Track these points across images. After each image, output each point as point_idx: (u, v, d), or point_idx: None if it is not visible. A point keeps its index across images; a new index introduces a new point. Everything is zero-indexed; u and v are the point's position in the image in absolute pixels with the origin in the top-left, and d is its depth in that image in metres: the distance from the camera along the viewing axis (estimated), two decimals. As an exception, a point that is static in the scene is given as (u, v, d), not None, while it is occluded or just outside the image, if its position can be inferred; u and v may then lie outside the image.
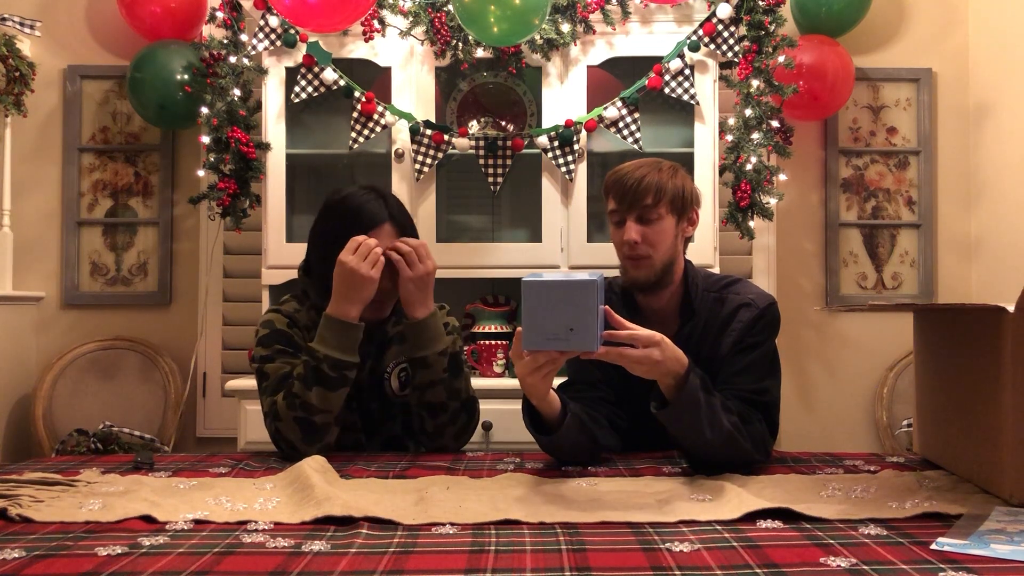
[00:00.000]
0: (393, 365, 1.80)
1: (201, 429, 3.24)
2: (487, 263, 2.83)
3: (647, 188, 1.61)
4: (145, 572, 0.93)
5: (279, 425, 1.62)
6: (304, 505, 1.22)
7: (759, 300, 1.67)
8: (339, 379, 1.61)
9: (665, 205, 1.62)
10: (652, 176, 1.62)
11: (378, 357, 1.80)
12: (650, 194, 1.61)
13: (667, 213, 1.63)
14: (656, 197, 1.61)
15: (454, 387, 1.73)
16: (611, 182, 1.66)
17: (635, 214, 1.62)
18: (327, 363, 1.60)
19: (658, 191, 1.61)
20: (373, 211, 1.72)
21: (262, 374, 1.70)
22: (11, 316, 3.12)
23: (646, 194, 1.61)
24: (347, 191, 1.78)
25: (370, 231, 1.70)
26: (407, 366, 1.78)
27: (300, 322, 1.75)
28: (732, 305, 1.66)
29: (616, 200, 1.64)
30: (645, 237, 1.62)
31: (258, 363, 1.71)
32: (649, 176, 1.62)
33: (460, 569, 0.94)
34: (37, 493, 1.28)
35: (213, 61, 2.79)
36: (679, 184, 1.64)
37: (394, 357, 1.80)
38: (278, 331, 1.72)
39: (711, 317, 1.67)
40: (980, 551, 0.97)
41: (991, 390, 1.25)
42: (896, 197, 3.30)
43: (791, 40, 2.76)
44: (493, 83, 2.94)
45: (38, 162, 3.26)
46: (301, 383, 1.60)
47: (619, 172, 1.66)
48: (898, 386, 3.16)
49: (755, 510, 1.15)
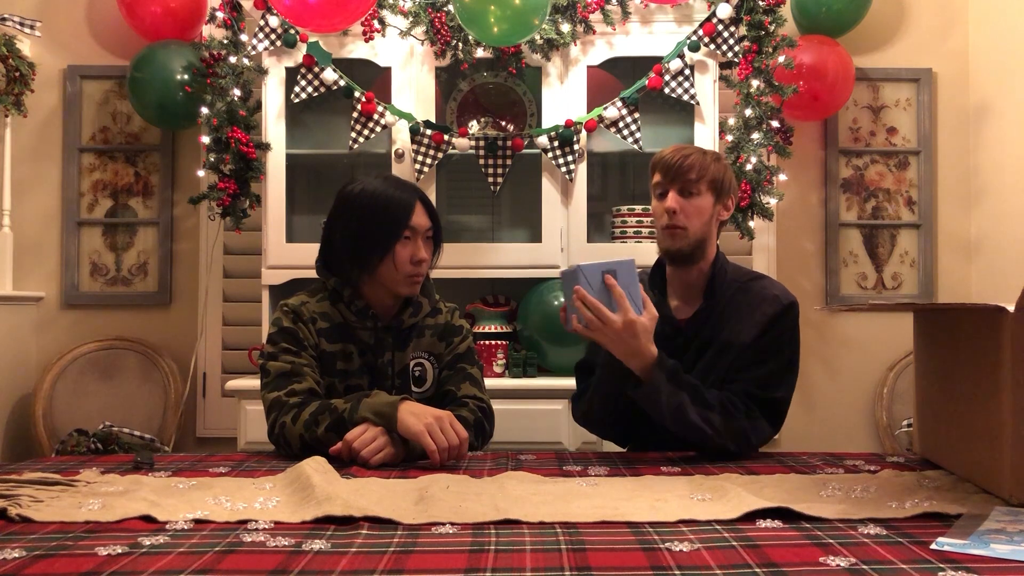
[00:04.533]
0: (412, 358, 1.83)
1: (201, 429, 3.24)
2: (487, 263, 2.83)
3: (691, 165, 1.74)
4: (145, 572, 0.93)
5: (285, 430, 1.64)
6: (304, 505, 1.22)
7: (784, 296, 1.76)
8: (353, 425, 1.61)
9: (706, 183, 1.75)
10: (697, 157, 1.75)
11: (399, 350, 1.82)
12: (694, 170, 1.73)
13: (707, 191, 1.75)
14: (699, 174, 1.74)
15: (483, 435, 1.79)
16: (658, 159, 1.79)
17: (677, 186, 1.74)
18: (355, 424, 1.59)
19: (701, 169, 1.74)
20: (403, 198, 1.77)
21: (265, 371, 1.75)
22: (11, 316, 3.13)
23: (690, 170, 1.73)
24: (365, 185, 1.80)
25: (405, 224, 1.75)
26: (422, 363, 1.83)
27: (304, 315, 1.77)
28: (756, 297, 1.76)
29: (661, 174, 1.77)
30: (683, 208, 1.73)
31: (263, 359, 1.76)
32: (694, 156, 1.75)
33: (460, 569, 0.94)
34: (37, 493, 1.28)
35: (213, 61, 2.79)
36: (721, 169, 1.77)
37: (414, 350, 1.83)
38: (283, 329, 1.76)
39: (731, 304, 1.76)
40: (980, 551, 0.97)
41: (991, 390, 1.25)
42: (896, 197, 3.30)
43: (791, 40, 2.76)
44: (493, 83, 2.94)
45: (38, 162, 3.26)
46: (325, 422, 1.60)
47: (666, 150, 1.79)
48: (898, 386, 3.17)
49: (755, 509, 1.15)
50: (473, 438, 1.75)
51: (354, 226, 1.77)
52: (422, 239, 1.78)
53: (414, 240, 1.77)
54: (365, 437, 1.54)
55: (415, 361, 1.84)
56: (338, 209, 1.81)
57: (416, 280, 1.79)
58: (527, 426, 2.66)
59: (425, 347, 1.85)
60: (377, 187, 1.79)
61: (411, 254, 1.76)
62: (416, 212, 1.77)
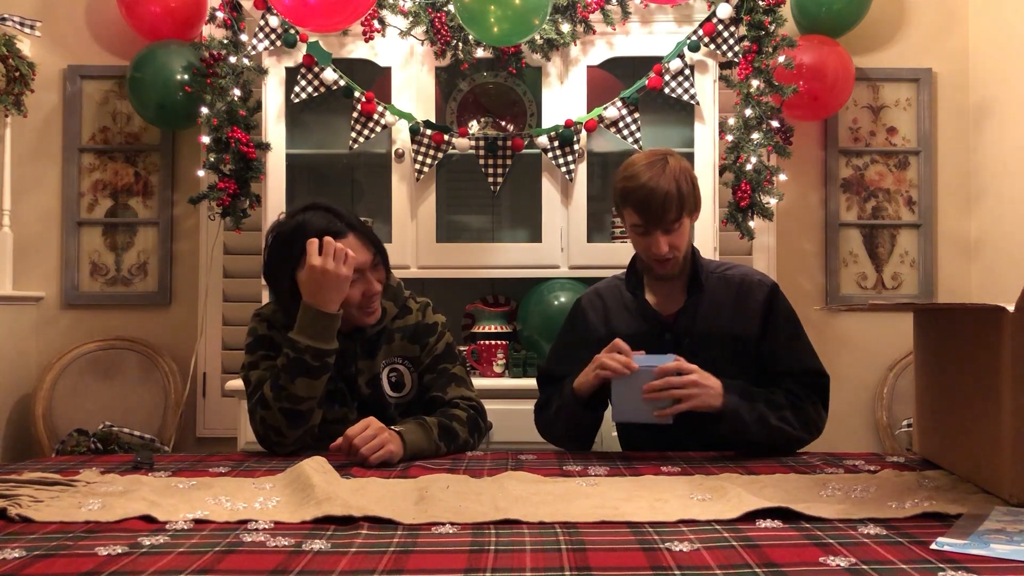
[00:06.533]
0: (384, 365, 1.80)
1: (201, 429, 3.24)
2: (487, 263, 2.83)
3: (670, 204, 1.68)
4: (146, 572, 0.93)
5: (265, 414, 1.65)
6: (304, 505, 1.22)
7: (765, 279, 1.82)
8: (322, 367, 1.64)
9: (685, 213, 1.72)
10: (670, 186, 1.68)
11: (368, 358, 1.79)
12: (672, 209, 1.69)
13: (686, 217, 1.74)
14: (678, 211, 1.70)
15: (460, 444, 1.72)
16: (631, 195, 1.71)
17: (661, 228, 1.71)
18: (309, 353, 1.62)
19: (679, 204, 1.70)
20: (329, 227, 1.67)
21: (247, 381, 1.75)
22: (11, 316, 3.12)
23: (670, 211, 1.69)
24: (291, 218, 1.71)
25: None
26: (397, 368, 1.80)
27: (278, 322, 1.77)
28: (736, 282, 1.80)
29: (640, 215, 1.71)
30: (672, 244, 1.73)
31: (244, 370, 1.76)
32: (668, 188, 1.68)
33: (460, 569, 0.94)
34: (37, 493, 1.28)
35: (213, 61, 2.79)
36: (689, 186, 1.72)
37: (384, 357, 1.80)
38: (259, 337, 1.78)
39: (715, 294, 1.79)
40: (980, 551, 0.97)
41: (991, 390, 1.25)
42: (896, 197, 3.30)
43: (791, 40, 2.76)
44: (493, 83, 2.94)
45: (38, 162, 3.26)
46: (286, 374, 1.63)
47: (636, 182, 1.70)
48: (898, 386, 3.16)
49: (755, 509, 1.15)
50: (469, 436, 1.74)
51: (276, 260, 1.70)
52: (369, 271, 1.71)
53: (362, 278, 1.69)
54: (366, 435, 1.54)
55: (389, 367, 1.80)
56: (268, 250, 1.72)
57: (372, 310, 1.73)
58: (527, 426, 2.63)
59: (397, 352, 1.80)
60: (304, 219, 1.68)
61: (361, 292, 1.70)
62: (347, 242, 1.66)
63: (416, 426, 1.65)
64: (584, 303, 1.91)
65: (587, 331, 1.85)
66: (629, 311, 1.84)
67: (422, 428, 1.65)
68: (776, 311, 1.78)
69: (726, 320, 1.77)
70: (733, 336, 1.76)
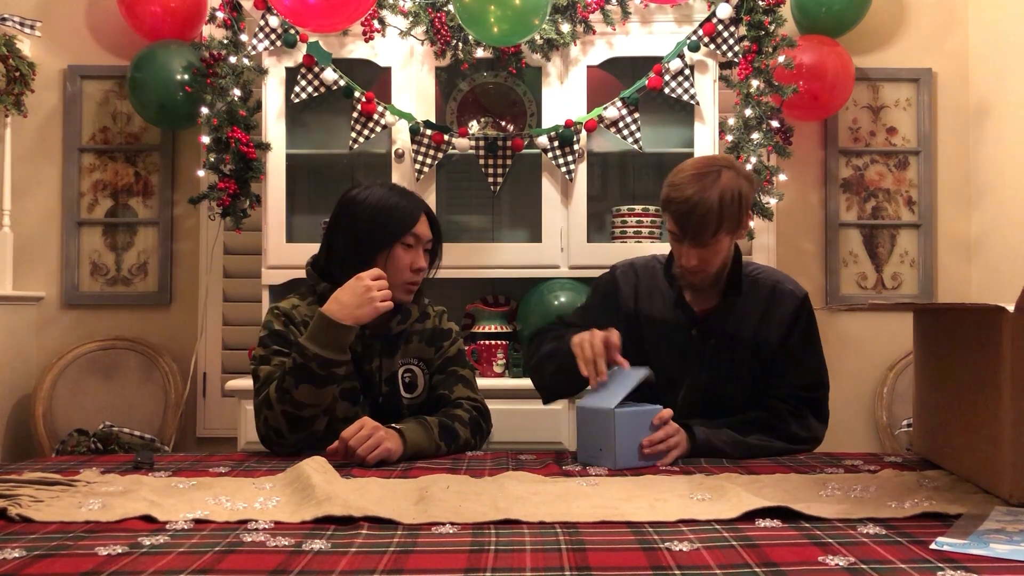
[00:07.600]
0: (400, 364, 1.82)
1: (201, 429, 3.24)
2: (487, 263, 2.83)
3: (708, 221, 1.63)
4: (146, 571, 0.93)
5: (269, 414, 1.65)
6: (304, 504, 1.22)
7: (797, 290, 1.78)
8: (327, 377, 1.63)
9: (723, 231, 1.66)
10: (712, 203, 1.62)
11: (387, 356, 1.80)
12: (710, 227, 1.64)
13: (725, 235, 1.67)
14: (715, 230, 1.64)
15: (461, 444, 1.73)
16: (671, 204, 1.67)
17: (697, 242, 1.67)
18: (316, 362, 1.61)
19: (718, 224, 1.64)
20: (408, 206, 1.77)
21: (256, 375, 1.74)
22: (11, 316, 3.13)
23: (707, 228, 1.64)
24: (369, 192, 1.80)
25: (410, 228, 1.75)
26: (412, 369, 1.81)
27: (296, 318, 1.77)
28: (768, 288, 1.77)
29: (676, 224, 1.68)
30: (702, 258, 1.68)
31: (255, 363, 1.75)
32: (710, 205, 1.62)
33: (460, 569, 0.94)
34: (37, 493, 1.28)
35: (213, 61, 2.79)
36: (734, 205, 1.65)
37: (402, 356, 1.82)
38: (274, 332, 1.75)
39: (746, 298, 1.77)
40: (979, 551, 0.97)
41: (991, 390, 1.25)
42: (896, 197, 3.30)
43: (791, 40, 2.76)
44: (493, 83, 2.94)
45: (38, 162, 3.26)
46: (291, 378, 1.62)
47: (679, 193, 1.65)
48: (898, 386, 3.17)
49: (754, 509, 1.15)
50: (470, 436, 1.75)
51: (358, 225, 1.76)
52: (422, 249, 1.79)
53: (415, 249, 1.77)
54: (361, 435, 1.54)
55: (405, 368, 1.82)
56: (342, 211, 1.80)
57: (411, 288, 1.79)
58: (527, 426, 2.66)
59: (414, 353, 1.84)
60: (383, 194, 1.79)
61: (411, 261, 1.76)
62: (420, 222, 1.78)
63: (416, 424, 1.66)
64: (618, 274, 1.88)
65: (617, 302, 1.84)
66: (663, 296, 1.81)
67: (422, 427, 1.66)
68: (799, 322, 1.76)
69: (754, 326, 1.75)
70: (757, 343, 1.75)
